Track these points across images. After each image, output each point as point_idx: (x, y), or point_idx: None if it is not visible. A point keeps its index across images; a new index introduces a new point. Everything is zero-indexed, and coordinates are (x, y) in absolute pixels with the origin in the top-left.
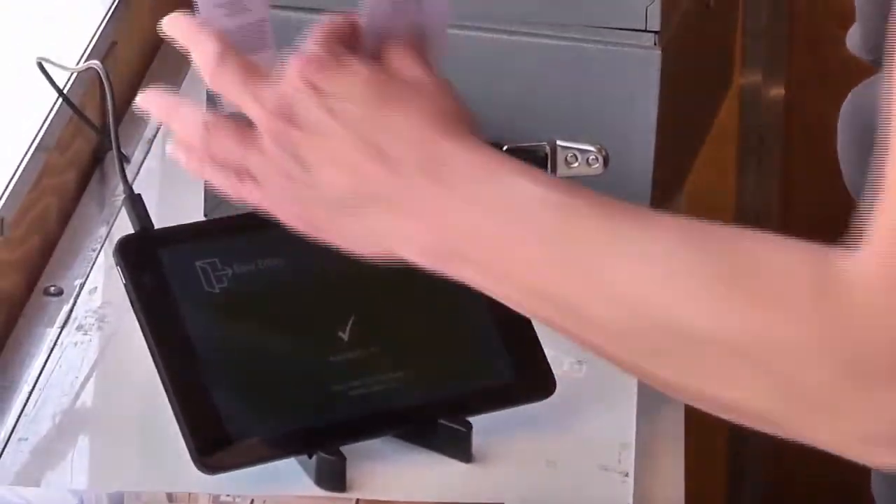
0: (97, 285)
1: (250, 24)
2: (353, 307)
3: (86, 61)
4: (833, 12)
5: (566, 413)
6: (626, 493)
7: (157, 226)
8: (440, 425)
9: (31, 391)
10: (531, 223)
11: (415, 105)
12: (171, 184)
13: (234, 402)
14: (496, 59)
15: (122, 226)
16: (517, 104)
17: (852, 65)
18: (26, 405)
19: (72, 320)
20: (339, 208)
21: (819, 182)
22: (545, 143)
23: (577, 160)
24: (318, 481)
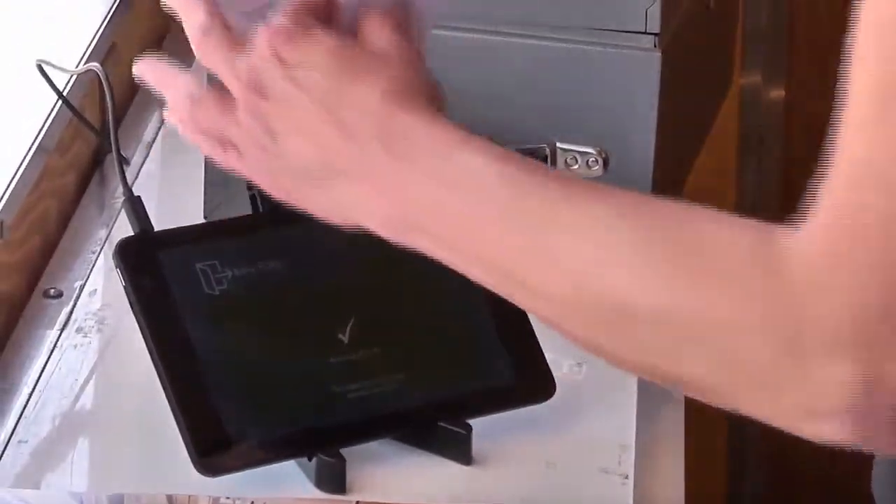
0: (97, 287)
1: None
2: (353, 309)
3: (85, 63)
4: (833, 13)
5: (566, 415)
6: (626, 495)
7: (156, 228)
8: (440, 427)
9: (31, 393)
10: (485, 198)
11: (378, 78)
12: (171, 186)
13: (233, 404)
14: (496, 60)
15: (122, 228)
16: (517, 106)
17: None
18: (26, 407)
19: (71, 322)
20: (306, 179)
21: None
22: (545, 146)
23: (577, 162)
24: (318, 483)
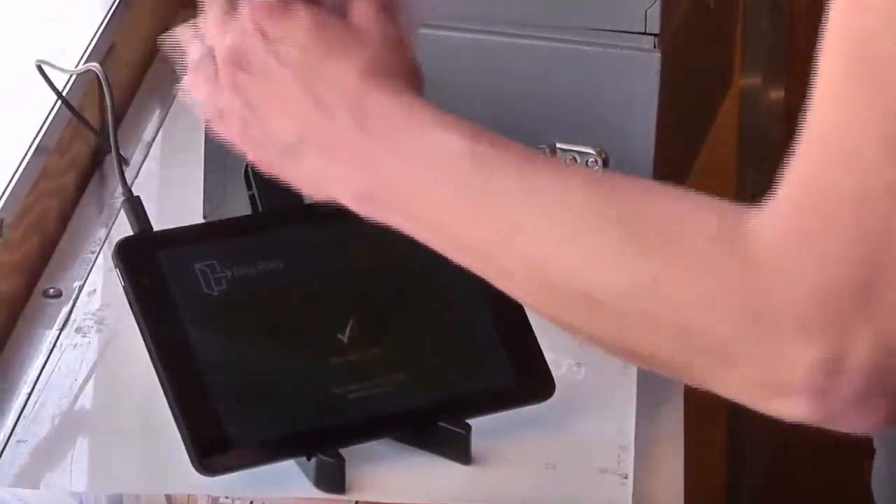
0: (96, 287)
1: None
2: (353, 309)
3: (85, 63)
4: None
5: (565, 415)
6: (626, 495)
7: (156, 228)
8: (439, 427)
9: (30, 393)
10: (452, 175)
11: (357, 57)
12: (170, 186)
13: (233, 404)
14: (496, 60)
15: (122, 228)
16: (517, 106)
17: None
18: (25, 407)
19: (71, 322)
20: (283, 151)
21: None
22: (545, 146)
23: (576, 162)
24: (318, 483)
